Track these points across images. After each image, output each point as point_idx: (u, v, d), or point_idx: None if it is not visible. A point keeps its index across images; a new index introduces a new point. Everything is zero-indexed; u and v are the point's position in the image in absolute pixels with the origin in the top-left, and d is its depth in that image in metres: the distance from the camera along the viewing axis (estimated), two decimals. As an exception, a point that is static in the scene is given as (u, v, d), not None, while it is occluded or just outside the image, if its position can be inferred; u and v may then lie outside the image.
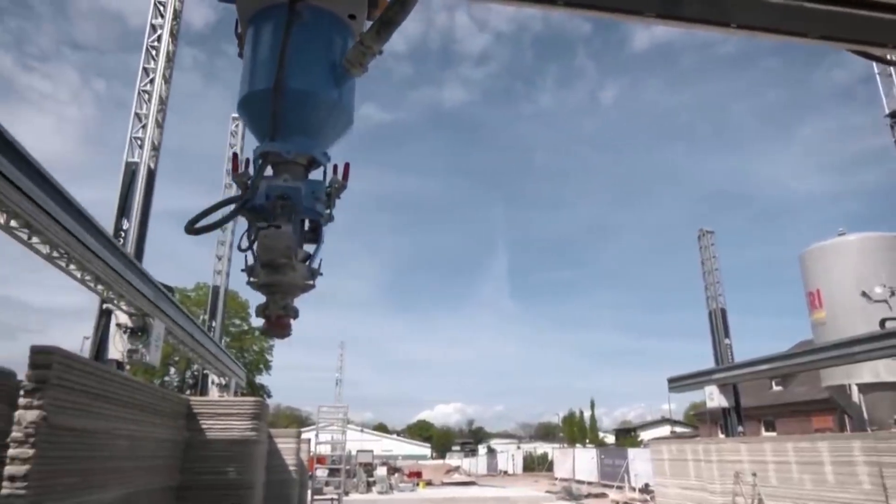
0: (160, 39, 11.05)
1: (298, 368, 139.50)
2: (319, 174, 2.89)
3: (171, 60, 11.22)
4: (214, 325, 18.11)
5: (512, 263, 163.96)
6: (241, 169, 2.70)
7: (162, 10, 11.20)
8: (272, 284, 2.60)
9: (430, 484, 37.10)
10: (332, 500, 21.58)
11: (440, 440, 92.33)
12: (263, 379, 48.88)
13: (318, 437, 23.08)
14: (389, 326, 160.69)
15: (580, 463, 36.54)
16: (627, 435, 62.86)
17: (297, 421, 70.58)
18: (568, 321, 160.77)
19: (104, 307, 9.15)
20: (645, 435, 57.04)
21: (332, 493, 22.40)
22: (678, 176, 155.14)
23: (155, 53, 10.98)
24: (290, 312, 2.66)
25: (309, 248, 2.83)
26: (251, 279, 2.64)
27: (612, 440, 65.29)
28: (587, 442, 56.39)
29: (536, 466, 53.96)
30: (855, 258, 15.68)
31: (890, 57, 4.26)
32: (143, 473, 6.93)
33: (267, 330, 2.68)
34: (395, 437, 79.82)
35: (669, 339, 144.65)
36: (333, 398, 52.35)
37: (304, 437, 15.06)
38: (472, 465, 61.44)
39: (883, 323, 13.97)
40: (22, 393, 4.64)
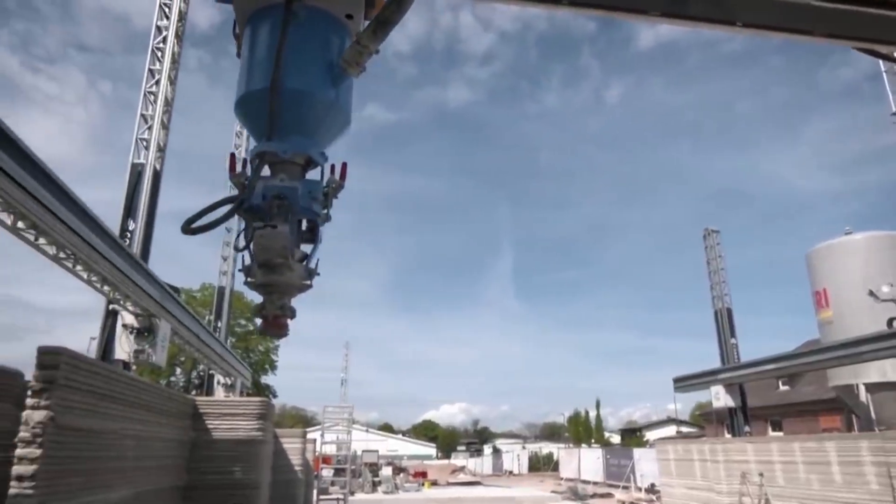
0: (165, 41, 11.09)
1: (304, 368, 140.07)
2: (318, 174, 2.87)
3: (176, 62, 11.26)
4: (220, 325, 18.15)
5: (517, 263, 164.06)
6: (238, 169, 2.69)
7: (167, 11, 11.24)
8: (269, 284, 2.60)
9: (435, 484, 37.14)
10: (337, 499, 21.62)
11: (445, 440, 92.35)
12: (269, 379, 49.04)
13: (323, 436, 23.13)
14: (394, 326, 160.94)
15: (586, 463, 36.48)
16: (633, 435, 62.76)
17: (302, 421, 70.74)
18: (573, 321, 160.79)
19: (110, 308, 9.18)
20: (651, 435, 56.92)
21: (337, 492, 22.45)
22: (683, 175, 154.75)
23: (160, 55, 11.02)
24: (286, 312, 2.66)
25: (308, 248, 2.82)
26: (248, 279, 2.64)
27: (617, 440, 65.16)
28: (593, 442, 56.27)
29: (542, 466, 53.94)
30: (862, 257, 15.59)
31: (897, 54, 4.23)
32: (149, 473, 6.96)
33: (264, 330, 2.69)
34: (400, 437, 79.89)
35: (675, 338, 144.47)
36: (339, 398, 52.33)
37: (309, 437, 15.11)
38: (477, 465, 61.44)
39: (890, 322, 13.89)
40: (29, 393, 4.67)
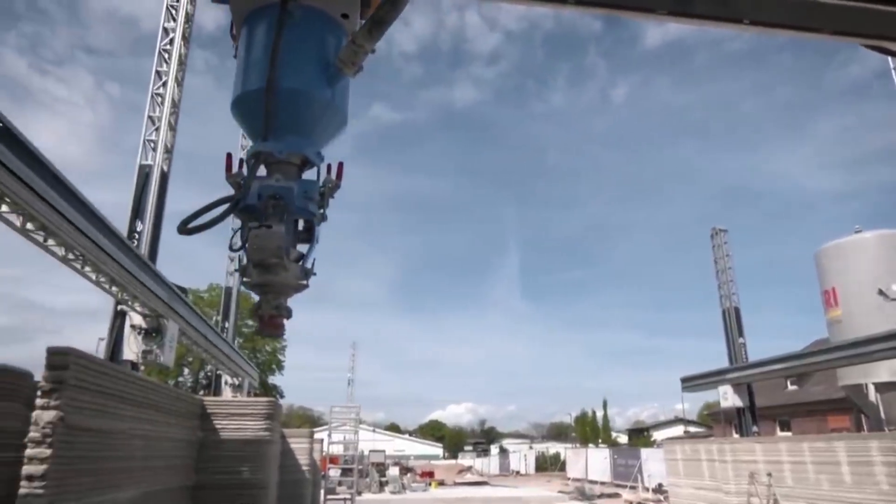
0: (172, 43, 11.13)
1: (311, 369, 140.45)
2: (315, 174, 2.87)
3: (183, 64, 11.29)
4: (227, 325, 18.21)
5: (523, 263, 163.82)
6: (234, 169, 2.70)
7: (174, 13, 11.28)
8: (264, 284, 2.62)
9: (442, 484, 37.13)
10: (344, 499, 21.67)
11: (452, 440, 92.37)
12: (276, 379, 49.18)
13: (330, 436, 23.20)
14: (401, 326, 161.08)
15: (593, 463, 36.41)
16: (640, 435, 62.59)
17: (309, 421, 70.91)
18: (580, 321, 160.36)
19: (119, 308, 9.22)
20: (658, 435, 56.73)
21: (344, 492, 22.50)
22: (690, 174, 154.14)
23: (167, 57, 11.06)
24: (282, 312, 2.67)
25: (305, 248, 2.83)
26: (245, 279, 2.66)
27: (624, 440, 65.02)
28: (600, 442, 56.19)
29: (549, 466, 53.83)
30: (872, 256, 15.49)
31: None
32: (158, 473, 6.99)
33: (260, 329, 2.71)
34: (407, 437, 79.90)
35: (682, 338, 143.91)
36: (345, 398, 52.33)
37: (316, 437, 15.13)
38: (484, 465, 61.43)
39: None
40: (39, 394, 4.70)
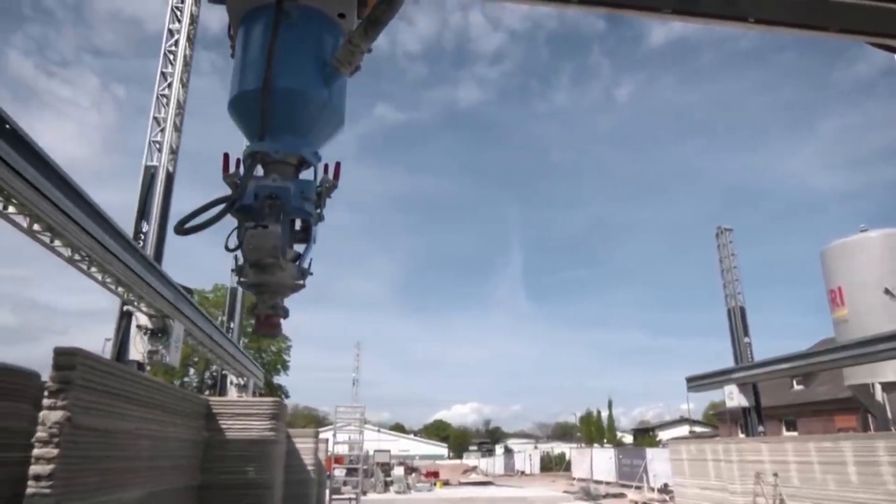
0: (177, 44, 11.16)
1: (316, 369, 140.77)
2: (312, 174, 2.87)
3: (188, 65, 11.33)
4: (232, 326, 18.28)
5: (527, 262, 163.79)
6: (231, 169, 2.70)
7: (179, 14, 11.32)
8: (260, 284, 2.62)
9: (447, 484, 37.15)
10: (349, 499, 21.68)
11: (457, 440, 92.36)
12: (281, 379, 49.27)
13: (335, 436, 23.20)
14: (405, 326, 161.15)
15: (598, 463, 36.35)
16: (645, 435, 62.44)
17: (314, 421, 71.05)
18: (584, 320, 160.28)
19: (125, 309, 9.27)
20: (663, 435, 56.60)
21: (349, 492, 22.51)
22: (694, 173, 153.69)
23: (172, 58, 11.09)
24: (279, 312, 2.67)
25: (302, 248, 2.83)
26: (241, 279, 2.67)
27: (629, 440, 64.84)
28: (605, 442, 56.05)
29: (554, 466, 53.80)
30: (878, 255, 15.41)
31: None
32: (164, 473, 7.01)
33: (257, 329, 2.72)
34: (412, 437, 80.00)
35: (688, 337, 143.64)
36: (350, 398, 52.53)
37: (321, 437, 15.15)
38: (489, 465, 61.41)
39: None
40: (46, 394, 4.72)
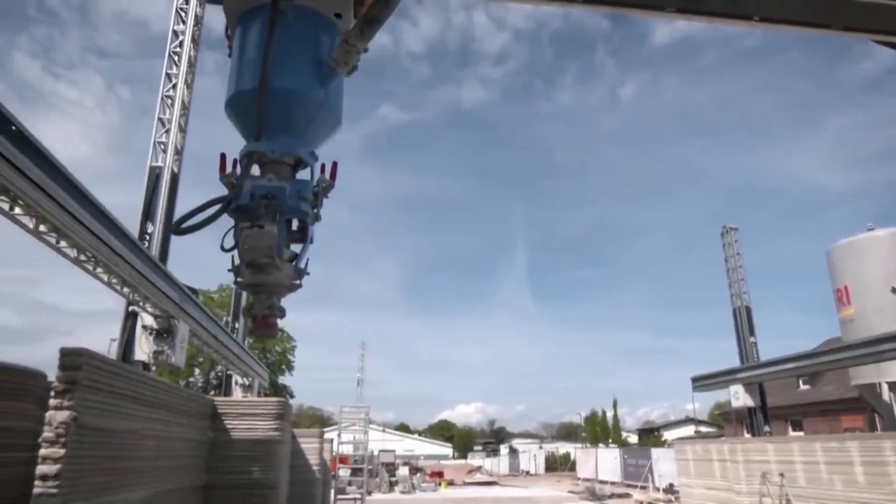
0: (182, 45, 11.20)
1: (320, 369, 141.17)
2: (309, 174, 2.87)
3: (192, 65, 11.36)
4: (237, 326, 18.31)
5: (531, 262, 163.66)
6: (228, 169, 2.70)
7: (183, 16, 11.35)
8: (257, 284, 2.62)
9: (451, 484, 37.12)
10: (354, 499, 21.72)
11: (462, 440, 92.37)
12: (286, 379, 49.43)
13: (340, 436, 23.23)
14: (409, 326, 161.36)
15: (603, 463, 36.30)
16: (651, 435, 62.30)
17: (319, 421, 71.14)
18: (588, 320, 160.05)
19: (130, 309, 9.30)
20: (669, 435, 56.47)
21: (354, 492, 22.56)
22: (699, 172, 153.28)
23: (177, 59, 11.13)
24: (275, 312, 2.67)
25: (299, 248, 2.83)
26: (238, 279, 2.67)
27: (635, 440, 64.74)
28: (610, 442, 55.98)
29: (559, 466, 53.72)
30: (885, 253, 15.32)
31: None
32: (169, 473, 7.03)
33: (253, 329, 2.72)
34: (416, 437, 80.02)
35: (693, 337, 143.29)
36: (355, 398, 52.54)
37: (326, 437, 15.16)
38: (493, 465, 61.40)
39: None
40: (52, 394, 4.74)
